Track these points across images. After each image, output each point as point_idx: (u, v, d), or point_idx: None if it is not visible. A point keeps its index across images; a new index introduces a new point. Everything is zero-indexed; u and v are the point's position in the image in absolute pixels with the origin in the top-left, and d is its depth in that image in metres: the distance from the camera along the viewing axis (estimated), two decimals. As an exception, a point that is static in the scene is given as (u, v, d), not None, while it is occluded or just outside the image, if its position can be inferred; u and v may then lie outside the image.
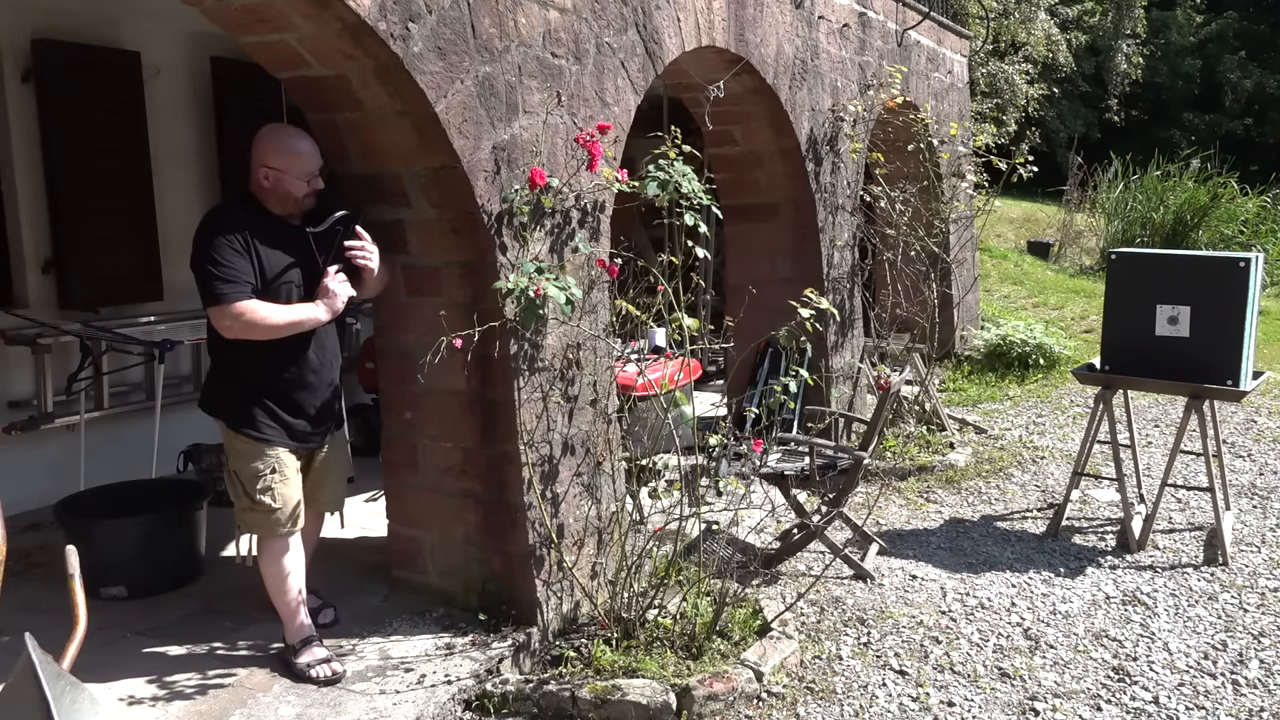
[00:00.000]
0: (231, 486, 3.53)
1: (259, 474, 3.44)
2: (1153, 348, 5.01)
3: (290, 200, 3.44)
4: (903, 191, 7.15)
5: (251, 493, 3.45)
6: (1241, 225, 15.16)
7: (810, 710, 3.60)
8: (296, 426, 3.53)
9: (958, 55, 10.04)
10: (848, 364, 6.92)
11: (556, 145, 3.92)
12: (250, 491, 3.45)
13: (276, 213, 3.46)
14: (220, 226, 3.31)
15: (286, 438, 3.50)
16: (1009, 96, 16.40)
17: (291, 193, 3.42)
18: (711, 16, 5.01)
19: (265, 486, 3.44)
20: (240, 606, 4.02)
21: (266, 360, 3.44)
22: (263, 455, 3.45)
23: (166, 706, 3.30)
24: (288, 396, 3.49)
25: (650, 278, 3.84)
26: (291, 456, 3.54)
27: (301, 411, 3.53)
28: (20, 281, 5.35)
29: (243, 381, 3.46)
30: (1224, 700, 3.66)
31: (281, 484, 3.47)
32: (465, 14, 3.48)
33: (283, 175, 3.40)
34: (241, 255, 3.29)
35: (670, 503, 4.14)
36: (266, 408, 3.45)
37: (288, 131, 3.49)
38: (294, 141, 3.42)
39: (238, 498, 3.51)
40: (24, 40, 5.19)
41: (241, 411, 3.45)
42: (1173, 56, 23.47)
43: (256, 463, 3.44)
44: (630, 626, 3.83)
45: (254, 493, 3.44)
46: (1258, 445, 6.95)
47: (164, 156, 5.88)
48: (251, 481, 3.44)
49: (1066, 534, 5.34)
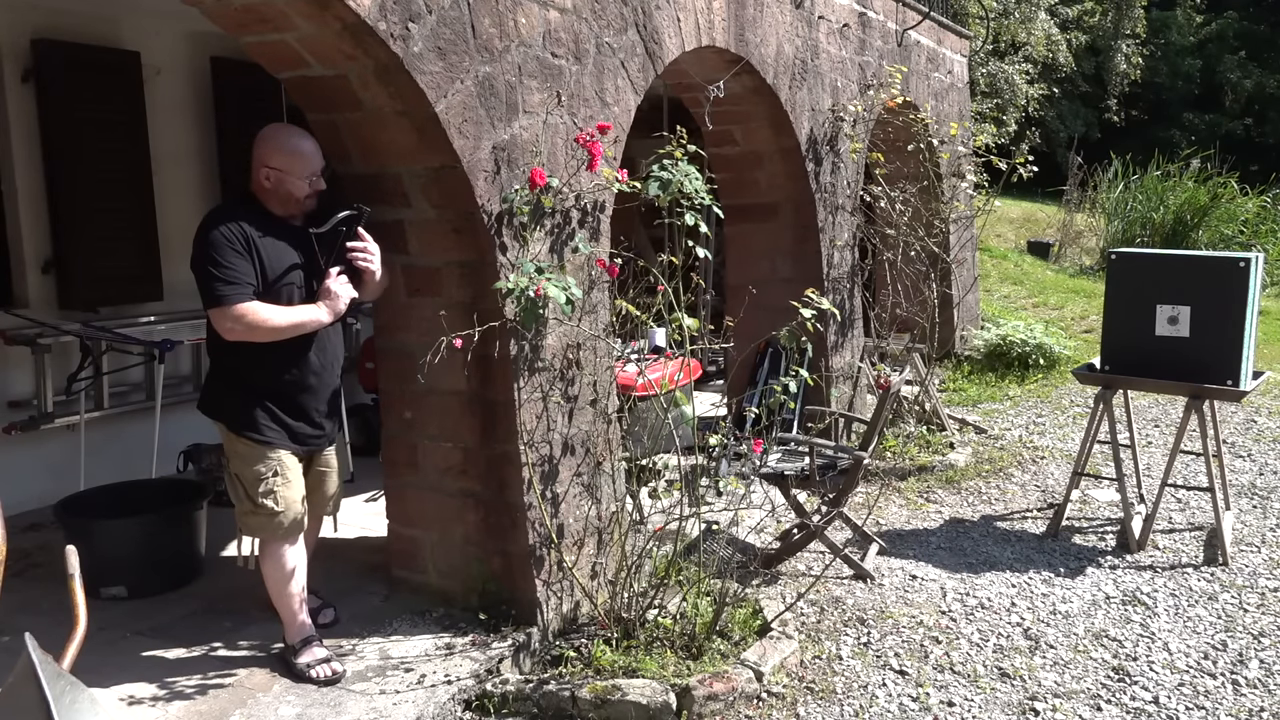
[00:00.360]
0: (233, 489, 3.51)
1: (261, 477, 3.41)
2: (1153, 348, 5.01)
3: (292, 201, 3.42)
4: (903, 191, 7.15)
5: (254, 496, 3.42)
6: (1241, 225, 15.17)
7: (810, 710, 3.60)
8: (298, 429, 3.51)
9: (958, 55, 10.04)
10: (848, 364, 6.93)
11: (556, 145, 3.92)
12: (252, 494, 3.42)
13: (278, 214, 3.43)
14: (221, 227, 3.27)
15: (289, 440, 3.48)
16: (1009, 96, 16.40)
17: (293, 193, 3.40)
18: (711, 16, 5.01)
19: (268, 490, 3.41)
20: (240, 606, 4.02)
21: (268, 362, 3.41)
22: (265, 458, 3.42)
23: (166, 706, 3.30)
24: (290, 399, 3.47)
25: (650, 278, 3.84)
26: (294, 459, 3.52)
27: (304, 414, 3.51)
28: (20, 281, 5.35)
29: (244, 384, 3.43)
30: (1224, 700, 3.66)
31: (284, 487, 3.44)
32: (465, 14, 3.48)
33: (284, 175, 3.37)
34: (243, 256, 3.26)
35: (670, 503, 4.14)
36: (268, 410, 3.42)
37: (290, 131, 3.47)
38: (296, 141, 3.40)
39: (239, 500, 3.48)
40: (24, 40, 5.19)
41: (243, 414, 3.41)
42: (1173, 56, 23.47)
43: (259, 465, 3.42)
44: (630, 626, 3.83)
45: (256, 496, 3.41)
46: (1258, 445, 6.95)
47: (164, 156, 5.88)
48: (253, 484, 3.41)
49: (1066, 534, 5.34)
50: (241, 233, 3.29)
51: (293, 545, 3.51)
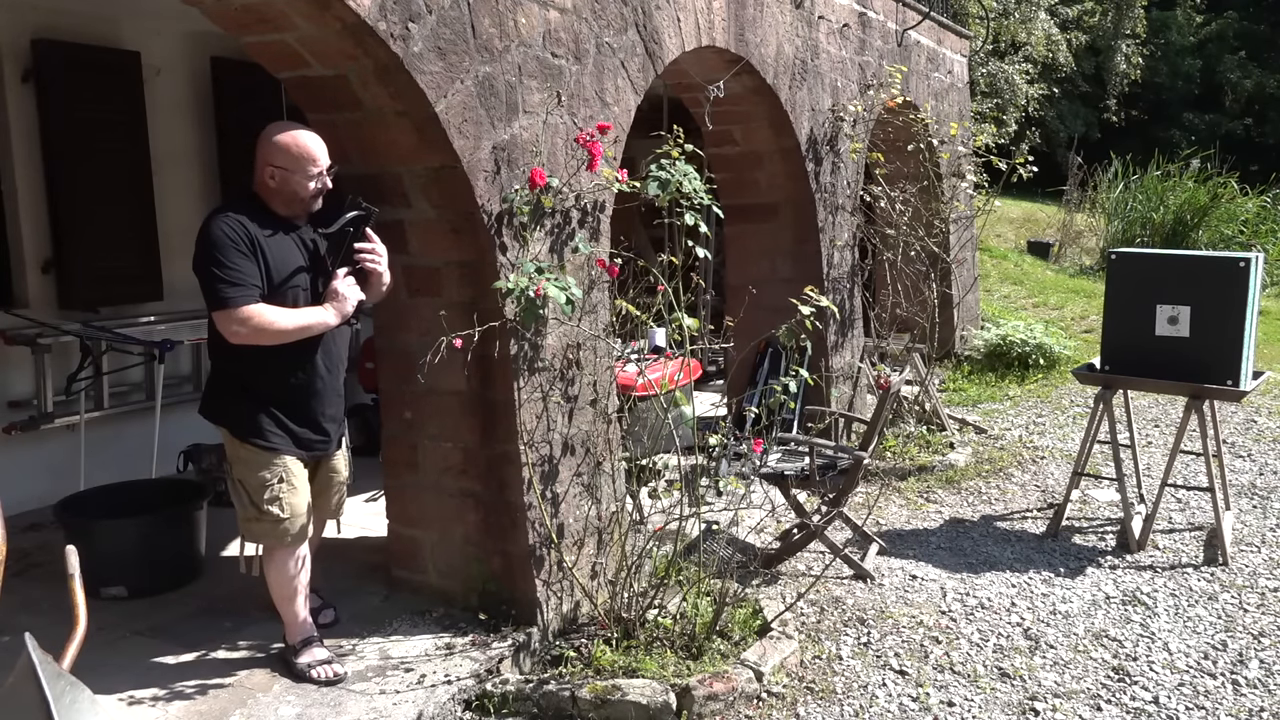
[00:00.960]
0: (236, 495, 3.41)
1: (266, 484, 3.32)
2: (1152, 347, 5.01)
3: (296, 200, 3.33)
4: (903, 191, 7.15)
5: (258, 502, 3.32)
6: (1241, 225, 15.17)
7: (810, 710, 3.60)
8: (304, 434, 3.42)
9: (958, 55, 10.04)
10: (848, 364, 6.93)
11: (556, 145, 3.92)
12: (257, 501, 3.33)
13: (282, 214, 3.34)
14: (225, 227, 3.18)
15: (294, 446, 3.39)
16: (1009, 96, 16.39)
17: (298, 192, 3.31)
18: (711, 16, 5.01)
19: (273, 496, 3.32)
20: (240, 606, 4.02)
21: (273, 366, 3.31)
22: (270, 464, 3.33)
23: (166, 706, 3.30)
24: (295, 404, 3.38)
25: (650, 278, 3.84)
26: (299, 464, 3.42)
27: (310, 419, 3.42)
28: (20, 281, 5.36)
29: (248, 388, 3.33)
30: (1224, 700, 3.66)
31: (290, 493, 3.35)
32: (465, 14, 3.48)
33: (289, 174, 3.28)
34: (247, 257, 3.17)
35: (670, 503, 4.14)
36: (273, 415, 3.34)
37: (295, 129, 3.37)
38: (301, 139, 3.30)
39: (242, 507, 3.39)
40: (24, 40, 5.19)
41: (247, 420, 3.32)
42: (1173, 56, 23.47)
43: (264, 472, 3.33)
44: (630, 626, 3.83)
45: (261, 503, 3.32)
46: (1258, 445, 6.95)
47: (164, 156, 5.88)
48: (258, 491, 3.32)
49: (1066, 534, 5.33)
50: (246, 233, 3.20)
51: (297, 551, 3.46)
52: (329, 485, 3.69)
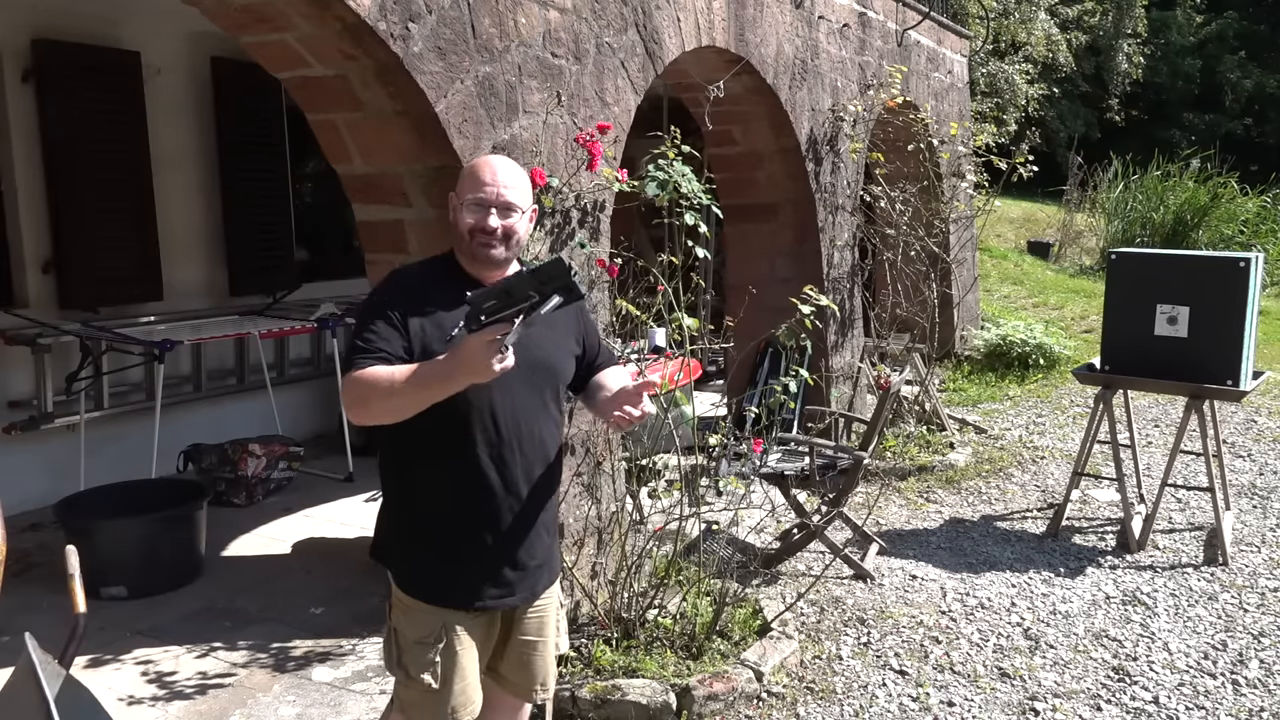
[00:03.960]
0: (387, 649, 2.50)
1: (423, 643, 2.39)
2: (1152, 348, 5.01)
3: (462, 241, 2.35)
4: (903, 191, 7.15)
5: (407, 664, 2.40)
6: (1241, 225, 15.18)
7: (810, 710, 3.60)
8: (470, 580, 2.39)
9: (958, 55, 10.04)
10: (848, 364, 6.93)
11: (556, 145, 3.92)
12: (406, 663, 2.40)
13: (469, 271, 2.38)
14: (384, 283, 2.43)
15: (458, 597, 2.39)
16: (1009, 96, 16.39)
17: (457, 225, 2.36)
18: (711, 16, 5.01)
19: (429, 660, 2.39)
20: (240, 606, 4.02)
21: (419, 472, 2.38)
22: (429, 622, 2.39)
23: (166, 706, 3.30)
24: (456, 530, 2.37)
25: (650, 278, 3.84)
26: (472, 623, 2.42)
27: (479, 555, 2.38)
28: (20, 281, 5.36)
29: (400, 511, 2.45)
30: (1224, 700, 3.66)
31: (449, 660, 2.40)
32: (465, 14, 3.48)
33: (456, 204, 2.37)
34: (389, 320, 2.28)
35: (670, 503, 4.14)
36: (432, 551, 2.39)
37: (493, 155, 2.74)
38: (479, 159, 2.43)
39: (392, 667, 2.47)
40: (24, 40, 5.19)
41: (401, 559, 2.45)
42: (1173, 56, 23.47)
43: (421, 629, 2.40)
44: (630, 626, 3.83)
45: (409, 665, 2.39)
46: (1258, 445, 6.95)
47: (164, 156, 5.89)
48: (411, 652, 2.40)
49: (1066, 534, 5.33)
50: (402, 290, 2.36)
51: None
52: (528, 656, 2.54)
